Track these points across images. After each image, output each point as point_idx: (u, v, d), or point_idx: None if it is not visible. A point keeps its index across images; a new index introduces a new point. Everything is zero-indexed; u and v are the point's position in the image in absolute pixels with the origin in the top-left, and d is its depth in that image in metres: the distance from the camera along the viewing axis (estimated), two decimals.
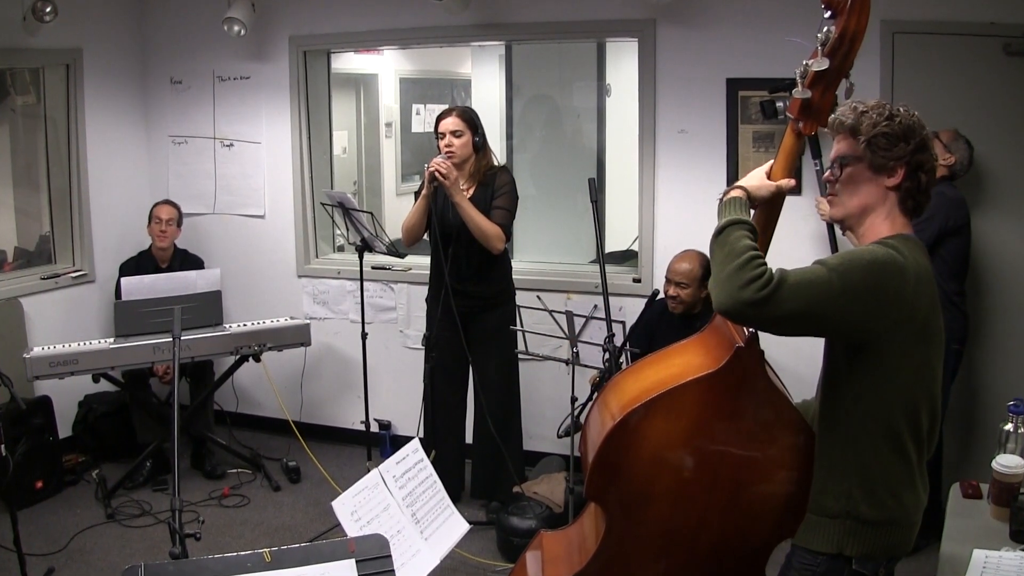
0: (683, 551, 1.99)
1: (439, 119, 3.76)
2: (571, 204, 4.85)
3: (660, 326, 3.64)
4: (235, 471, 4.51)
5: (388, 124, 6.67)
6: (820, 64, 1.80)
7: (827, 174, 1.89)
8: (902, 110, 1.79)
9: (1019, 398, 2.54)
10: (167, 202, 4.68)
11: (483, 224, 3.65)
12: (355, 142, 6.47)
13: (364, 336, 4.21)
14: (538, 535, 2.41)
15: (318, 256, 5.02)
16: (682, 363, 1.96)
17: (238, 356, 4.31)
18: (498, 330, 3.79)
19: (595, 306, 3.58)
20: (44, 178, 4.81)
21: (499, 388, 3.92)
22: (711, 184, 4.03)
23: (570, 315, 3.43)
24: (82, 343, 4.04)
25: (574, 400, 3.40)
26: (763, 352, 1.89)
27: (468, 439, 4.11)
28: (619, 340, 3.27)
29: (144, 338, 4.02)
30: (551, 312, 3.50)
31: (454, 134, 3.70)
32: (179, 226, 4.67)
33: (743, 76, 3.94)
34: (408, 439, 2.65)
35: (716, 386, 1.88)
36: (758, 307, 1.63)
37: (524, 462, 4.14)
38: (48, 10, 4.19)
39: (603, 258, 3.45)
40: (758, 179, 1.88)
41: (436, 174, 3.55)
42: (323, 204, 4.50)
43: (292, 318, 4.57)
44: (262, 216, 5.02)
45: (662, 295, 3.63)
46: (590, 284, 4.27)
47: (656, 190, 4.20)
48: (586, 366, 3.48)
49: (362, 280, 4.28)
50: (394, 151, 6.76)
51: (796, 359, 2.93)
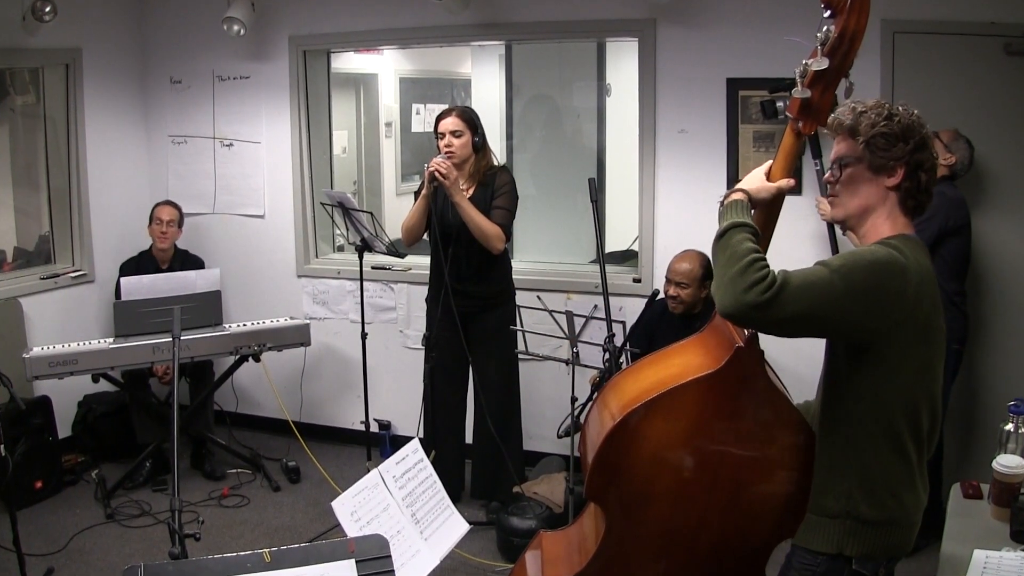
0: (683, 551, 1.99)
1: (439, 119, 3.76)
2: (571, 204, 4.85)
3: (660, 326, 3.63)
4: (235, 471, 4.51)
5: (388, 124, 6.66)
6: (820, 63, 1.80)
7: (827, 175, 1.89)
8: (901, 109, 1.79)
9: (1019, 398, 2.54)
10: (168, 203, 4.67)
11: (483, 224, 3.65)
12: (355, 142, 6.47)
13: (364, 336, 4.21)
14: (538, 535, 2.41)
15: (318, 256, 5.01)
16: (682, 363, 1.96)
17: (238, 356, 4.31)
18: (498, 330, 3.79)
19: (595, 306, 3.58)
20: (43, 178, 4.81)
21: (499, 388, 3.92)
22: (711, 184, 4.03)
23: (570, 315, 3.43)
24: (81, 343, 4.04)
25: (574, 400, 3.40)
26: (763, 352, 1.89)
27: (468, 439, 4.10)
28: (619, 340, 3.27)
29: (144, 338, 4.02)
30: (551, 312, 3.50)
31: (454, 134, 3.70)
32: (180, 227, 4.66)
33: (743, 76, 3.94)
34: (408, 439, 2.65)
35: (716, 386, 1.88)
36: (762, 310, 1.63)
37: (524, 462, 4.14)
38: (47, 10, 4.19)
39: (603, 258, 3.44)
40: (758, 181, 1.88)
41: (436, 174, 3.54)
42: (323, 204, 4.50)
43: (292, 318, 4.57)
44: (262, 216, 5.02)
45: (662, 295, 3.62)
46: (590, 284, 4.27)
47: (656, 190, 4.20)
48: (586, 366, 3.48)
49: (362, 280, 4.28)
50: (394, 151, 6.76)
51: (796, 359, 2.93)
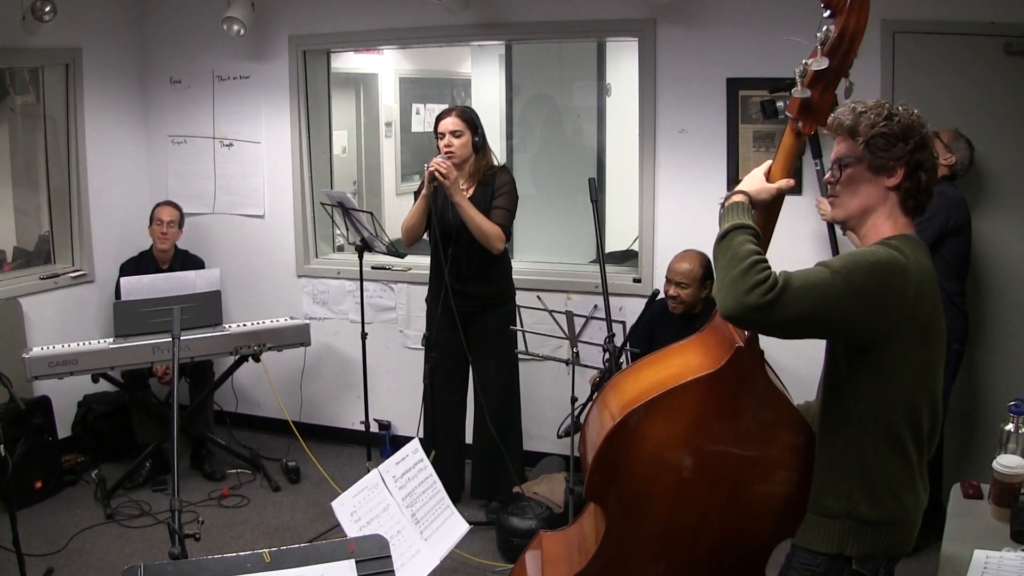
0: (683, 551, 1.99)
1: (439, 119, 3.75)
2: (571, 204, 4.84)
3: (660, 326, 3.63)
4: (235, 471, 4.50)
5: (388, 124, 6.66)
6: (819, 63, 1.80)
7: (828, 175, 1.89)
8: (901, 109, 1.79)
9: (1020, 398, 2.54)
10: (169, 203, 4.65)
11: (483, 224, 3.65)
12: (355, 142, 6.47)
13: (364, 336, 4.21)
14: (538, 535, 2.41)
15: (318, 256, 5.01)
16: (682, 363, 1.96)
17: (237, 356, 4.31)
18: (498, 330, 3.78)
19: (595, 306, 3.57)
20: (43, 178, 4.80)
21: (499, 388, 3.92)
22: (711, 184, 4.04)
23: (570, 315, 3.43)
24: (81, 343, 4.04)
25: (574, 400, 3.40)
26: (763, 352, 1.89)
27: (468, 439, 4.10)
28: (619, 340, 3.26)
29: (143, 338, 4.02)
30: (551, 312, 3.49)
31: (454, 134, 3.70)
32: (180, 227, 4.65)
33: (743, 76, 3.94)
34: (408, 439, 2.65)
35: (716, 386, 1.87)
36: (763, 311, 1.63)
37: (524, 462, 4.14)
38: (47, 9, 4.19)
39: (603, 258, 3.44)
40: (758, 182, 1.88)
41: (436, 174, 3.54)
42: (323, 204, 4.49)
43: (292, 318, 4.57)
44: (262, 216, 5.02)
45: (662, 295, 3.62)
46: (590, 284, 4.26)
47: (656, 190, 4.19)
48: (586, 366, 3.48)
49: (362, 280, 4.28)
50: (394, 151, 6.76)
51: (796, 359, 2.93)
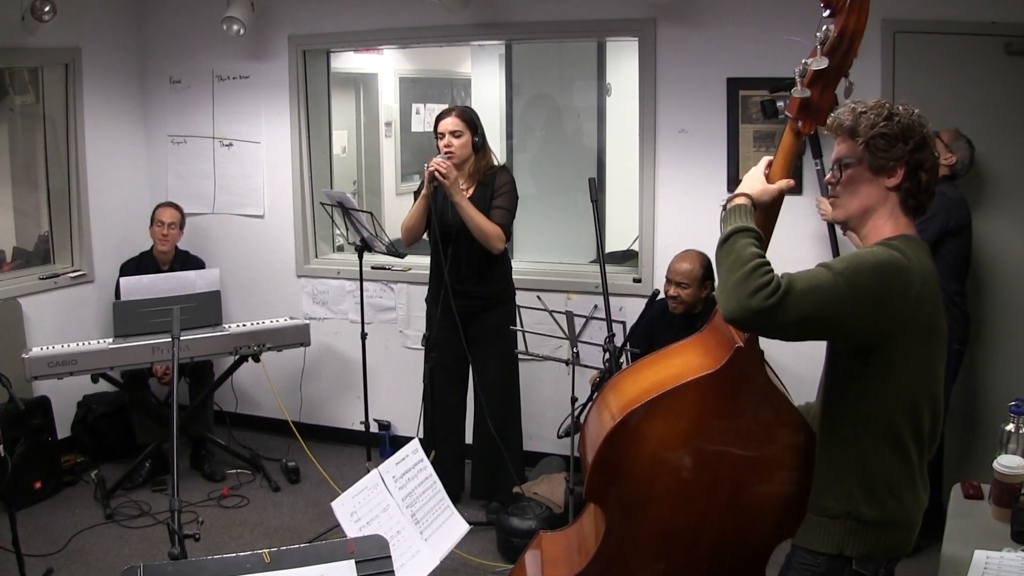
0: (683, 551, 1.99)
1: (438, 119, 3.75)
2: (571, 204, 4.84)
3: (660, 326, 3.63)
4: (234, 471, 4.50)
5: (388, 124, 6.66)
6: (819, 63, 1.79)
7: (828, 176, 1.88)
8: (902, 109, 1.78)
9: (1020, 398, 2.53)
10: (169, 204, 4.64)
11: (483, 224, 3.64)
12: (355, 142, 6.47)
13: (364, 336, 4.21)
14: (537, 536, 2.41)
15: (318, 256, 5.01)
16: (682, 363, 1.95)
17: (237, 356, 4.30)
18: (498, 330, 3.78)
19: (595, 306, 3.57)
20: (43, 178, 4.80)
21: (499, 388, 3.92)
22: (711, 184, 4.03)
23: (570, 315, 3.43)
24: (81, 343, 4.04)
25: (574, 400, 3.40)
26: (763, 352, 1.89)
27: (468, 439, 4.10)
28: (619, 340, 3.26)
29: (143, 338, 4.02)
30: (551, 312, 3.49)
31: (453, 134, 3.69)
32: (181, 229, 4.64)
33: (743, 75, 3.94)
34: (408, 439, 2.65)
35: (716, 386, 1.87)
36: (767, 315, 1.62)
37: (524, 462, 4.14)
38: (47, 9, 4.18)
39: (603, 258, 3.44)
40: (759, 184, 1.87)
41: (436, 174, 3.54)
42: (322, 204, 4.49)
43: (291, 318, 4.56)
44: (261, 216, 5.02)
45: (662, 295, 3.62)
46: (590, 284, 4.26)
47: (656, 190, 4.19)
48: (586, 366, 3.48)
49: (362, 280, 4.27)
50: (394, 151, 6.76)
51: (796, 359, 2.92)
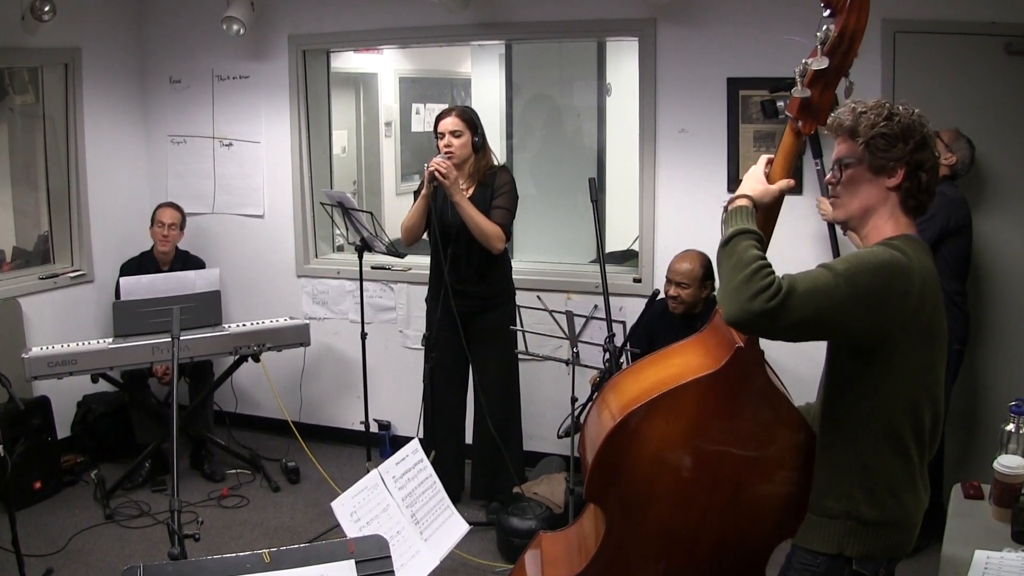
0: (683, 551, 1.98)
1: (438, 119, 3.75)
2: (571, 204, 4.84)
3: (660, 326, 3.63)
4: (234, 472, 4.50)
5: (388, 123, 6.66)
6: (819, 63, 1.79)
7: (828, 176, 1.88)
8: (902, 109, 1.78)
9: (1021, 398, 2.53)
10: (170, 205, 4.62)
11: (483, 224, 3.64)
12: (355, 141, 6.47)
13: (364, 336, 4.20)
14: (537, 536, 2.40)
15: (317, 256, 5.01)
16: (682, 363, 1.95)
17: (237, 356, 4.30)
18: (498, 330, 3.78)
19: (595, 306, 3.57)
20: (42, 178, 4.80)
21: (499, 388, 3.91)
22: (711, 184, 4.03)
23: (570, 315, 3.42)
24: (81, 343, 4.04)
25: (574, 400, 3.39)
26: (763, 352, 1.89)
27: (468, 439, 4.10)
28: (619, 340, 3.26)
29: (143, 338, 4.01)
30: (551, 312, 3.49)
31: (453, 134, 3.69)
32: (182, 229, 4.63)
33: (744, 75, 3.94)
34: (408, 439, 2.65)
35: (716, 386, 1.87)
36: (769, 317, 1.62)
37: (524, 462, 4.13)
38: (47, 9, 4.18)
39: (603, 258, 3.44)
40: (760, 185, 1.86)
41: (436, 174, 3.54)
42: (322, 204, 4.49)
43: (291, 318, 4.56)
44: (261, 216, 5.01)
45: (662, 295, 3.62)
46: (590, 284, 4.26)
47: (656, 190, 4.19)
48: (586, 366, 3.48)
49: (361, 280, 4.27)
50: (394, 151, 6.76)
51: (796, 359, 2.92)
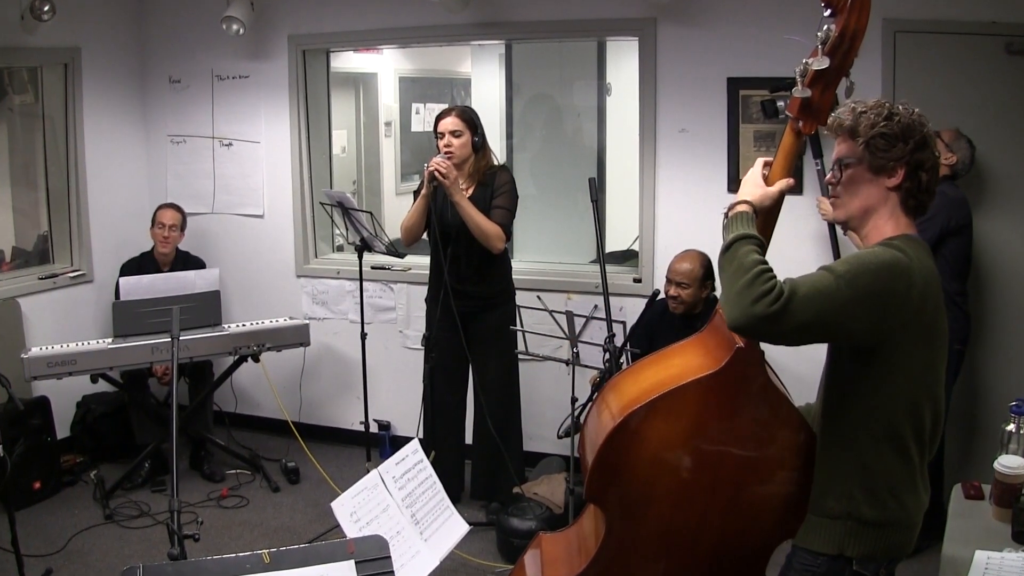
0: (683, 552, 1.98)
1: (438, 119, 3.75)
2: (571, 204, 4.84)
3: (661, 326, 3.63)
4: (234, 472, 4.50)
5: (387, 123, 6.65)
6: (820, 63, 1.79)
7: (828, 176, 1.88)
8: (902, 108, 1.78)
9: (1021, 398, 2.53)
10: (171, 206, 4.61)
11: (483, 224, 3.64)
12: (354, 141, 6.46)
13: (363, 336, 4.20)
14: (537, 536, 2.40)
15: (317, 256, 5.01)
16: (682, 364, 1.95)
17: (237, 356, 4.30)
18: (498, 330, 3.78)
19: (595, 306, 3.57)
20: (42, 178, 4.80)
21: (499, 388, 3.91)
22: (712, 184, 4.03)
23: (570, 315, 3.42)
24: (80, 343, 4.03)
25: (574, 400, 3.39)
26: (763, 353, 1.89)
27: (468, 440, 4.09)
28: (619, 340, 3.26)
29: (142, 338, 4.01)
30: (551, 312, 3.49)
31: (453, 134, 3.69)
32: (183, 230, 4.62)
33: (744, 75, 3.94)
34: (408, 440, 2.65)
35: (716, 387, 1.87)
36: (771, 321, 1.62)
37: (524, 463, 4.13)
38: (46, 9, 4.18)
39: (603, 258, 3.44)
40: (759, 188, 1.86)
41: (435, 174, 3.53)
42: (322, 204, 4.49)
43: (291, 318, 4.56)
44: (261, 216, 5.01)
45: (662, 295, 3.62)
46: (590, 284, 4.26)
47: (657, 190, 4.19)
48: (586, 366, 3.47)
49: (361, 280, 4.27)
50: (393, 150, 6.75)
51: (796, 359, 2.91)
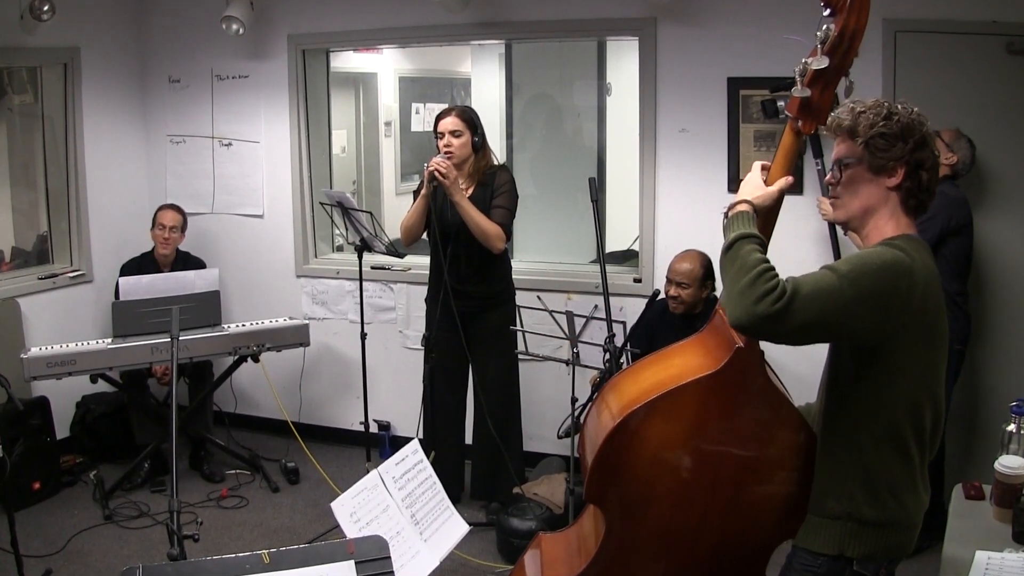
0: (683, 552, 1.98)
1: (438, 119, 3.74)
2: (571, 204, 4.84)
3: (661, 326, 3.62)
4: (234, 472, 4.50)
5: (387, 123, 6.65)
6: (819, 62, 1.79)
7: (828, 176, 1.88)
8: (901, 108, 1.77)
9: (1021, 399, 2.53)
10: (172, 207, 4.60)
11: (483, 223, 3.64)
12: (354, 141, 6.46)
13: (363, 336, 4.20)
14: (537, 536, 2.40)
15: (317, 256, 5.00)
16: (681, 364, 1.95)
17: (236, 356, 4.30)
18: (498, 330, 3.77)
19: (595, 306, 3.56)
20: (41, 178, 4.80)
21: (499, 389, 3.91)
22: (712, 184, 4.03)
23: (570, 315, 3.42)
24: (80, 343, 4.03)
25: (574, 401, 3.39)
26: (763, 352, 1.88)
27: (468, 440, 4.09)
28: (619, 340, 3.25)
29: (142, 338, 4.01)
30: (551, 312, 3.49)
31: (453, 134, 3.69)
32: (183, 231, 4.61)
33: (744, 75, 3.93)
34: (407, 440, 2.64)
35: (716, 387, 1.86)
36: (774, 320, 1.62)
37: (524, 463, 4.13)
38: (46, 8, 4.18)
39: (603, 258, 3.44)
40: (759, 189, 1.86)
41: (435, 173, 3.53)
42: (322, 204, 4.49)
43: (291, 318, 4.56)
44: (261, 216, 5.01)
45: (663, 295, 3.61)
46: (590, 284, 4.25)
47: (657, 190, 4.19)
48: (586, 366, 3.47)
49: (361, 280, 4.27)
50: (393, 150, 6.75)
51: (796, 359, 2.91)
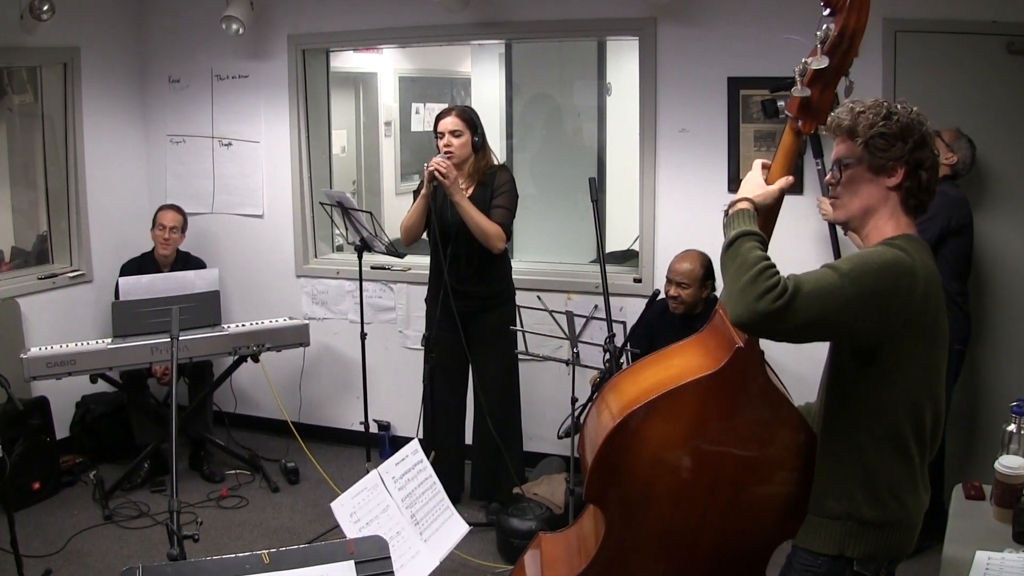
0: (683, 552, 1.98)
1: (438, 118, 3.74)
2: (571, 204, 4.84)
3: (661, 326, 3.62)
4: (233, 472, 4.50)
5: (387, 123, 6.65)
6: (819, 62, 1.79)
7: (828, 176, 1.87)
8: (900, 107, 1.77)
9: (1021, 399, 2.53)
10: (172, 207, 4.60)
11: (483, 223, 3.64)
12: (354, 141, 6.46)
13: (363, 336, 4.20)
14: (537, 537, 2.40)
15: (317, 256, 5.00)
16: (681, 364, 1.95)
17: (236, 356, 4.30)
18: (498, 330, 3.77)
19: (595, 306, 3.56)
20: (41, 177, 4.79)
21: (499, 389, 3.91)
22: (712, 184, 4.03)
23: (570, 315, 3.42)
24: (79, 343, 4.03)
25: (574, 401, 3.39)
26: (763, 352, 1.88)
27: (468, 440, 4.09)
28: (620, 340, 3.25)
29: (142, 338, 4.01)
30: (551, 312, 3.49)
31: (453, 134, 3.68)
32: (183, 232, 4.61)
33: (744, 75, 3.93)
34: (407, 440, 2.64)
35: (716, 387, 1.86)
36: (774, 318, 1.61)
37: (524, 463, 4.13)
38: (46, 8, 4.17)
39: (603, 258, 3.43)
40: (760, 187, 1.86)
41: (435, 173, 3.53)
42: (322, 204, 4.49)
43: (291, 318, 4.56)
44: (261, 216, 5.01)
45: (663, 295, 3.61)
46: (590, 284, 4.25)
47: (657, 190, 4.18)
48: (586, 366, 3.47)
49: (361, 280, 4.27)
50: (393, 150, 6.75)
51: (796, 359, 2.91)
